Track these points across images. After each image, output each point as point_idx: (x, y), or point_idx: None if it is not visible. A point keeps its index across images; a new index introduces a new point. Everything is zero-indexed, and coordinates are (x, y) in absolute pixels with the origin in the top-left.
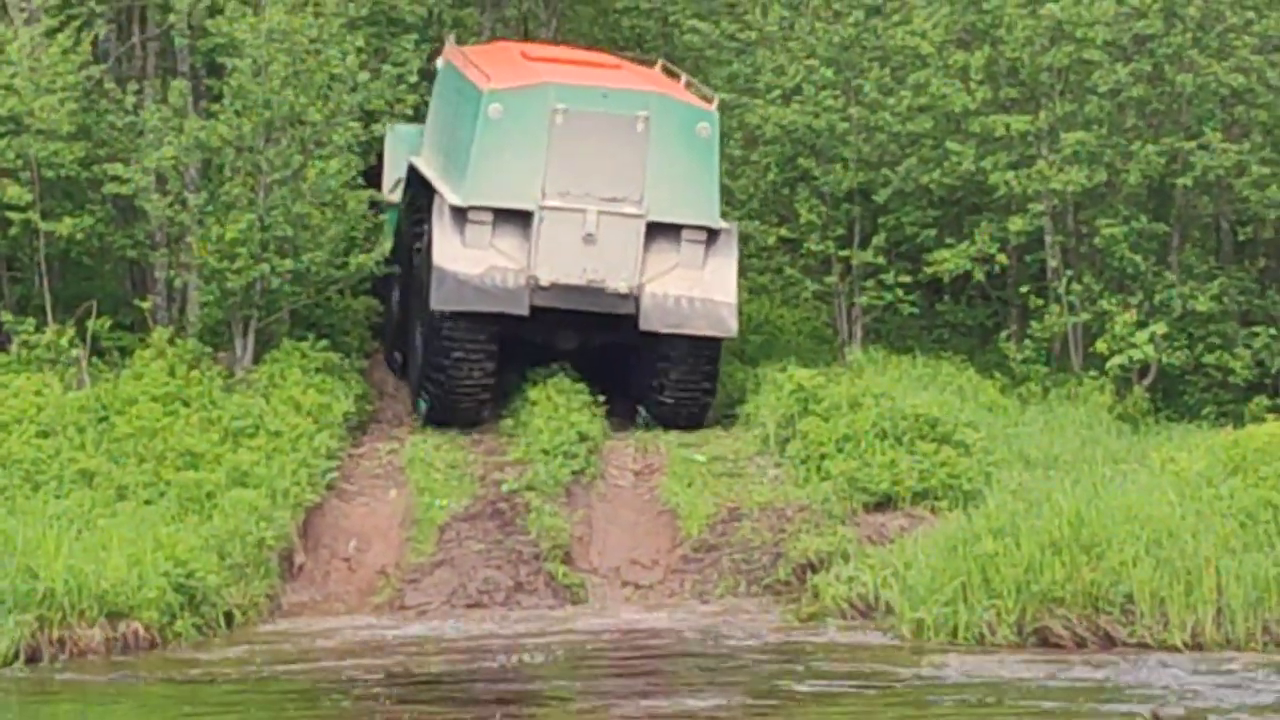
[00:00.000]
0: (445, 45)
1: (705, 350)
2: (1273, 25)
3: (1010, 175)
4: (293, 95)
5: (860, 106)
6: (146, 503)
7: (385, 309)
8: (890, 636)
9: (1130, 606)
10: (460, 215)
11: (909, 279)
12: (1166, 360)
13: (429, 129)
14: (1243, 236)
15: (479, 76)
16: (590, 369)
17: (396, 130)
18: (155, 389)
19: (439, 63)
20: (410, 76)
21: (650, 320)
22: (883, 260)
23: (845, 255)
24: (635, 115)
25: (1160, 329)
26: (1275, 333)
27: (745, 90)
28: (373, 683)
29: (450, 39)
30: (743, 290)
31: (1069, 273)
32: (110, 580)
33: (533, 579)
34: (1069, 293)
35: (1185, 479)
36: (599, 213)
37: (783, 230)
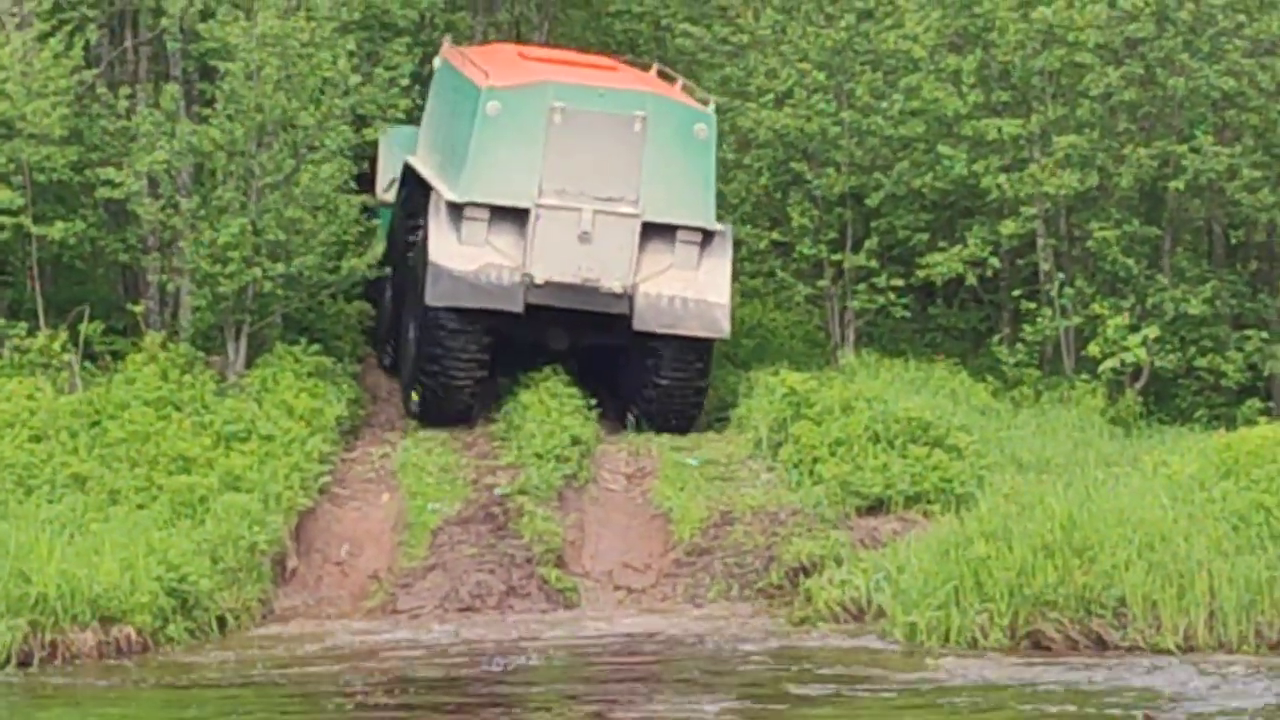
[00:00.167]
0: (442, 45)
1: (697, 351)
2: (1264, 29)
3: (1002, 179)
4: (285, 99)
5: (852, 110)
6: (139, 507)
7: (377, 310)
8: (883, 640)
9: (1123, 609)
10: (456, 212)
11: (901, 283)
12: (1159, 363)
13: (425, 127)
14: (1234, 240)
15: (477, 74)
16: (581, 369)
17: (390, 131)
18: (147, 393)
19: (436, 62)
20: (402, 80)
21: (644, 320)
22: (875, 264)
23: (837, 259)
24: (633, 115)
25: (1152, 332)
26: (1267, 336)
27: (737, 94)
28: (366, 687)
29: (447, 39)
30: (735, 294)
31: (1061, 276)
32: (103, 584)
33: (525, 583)
34: (1061, 296)
35: (1177, 482)
36: (595, 212)
37: (775, 234)
